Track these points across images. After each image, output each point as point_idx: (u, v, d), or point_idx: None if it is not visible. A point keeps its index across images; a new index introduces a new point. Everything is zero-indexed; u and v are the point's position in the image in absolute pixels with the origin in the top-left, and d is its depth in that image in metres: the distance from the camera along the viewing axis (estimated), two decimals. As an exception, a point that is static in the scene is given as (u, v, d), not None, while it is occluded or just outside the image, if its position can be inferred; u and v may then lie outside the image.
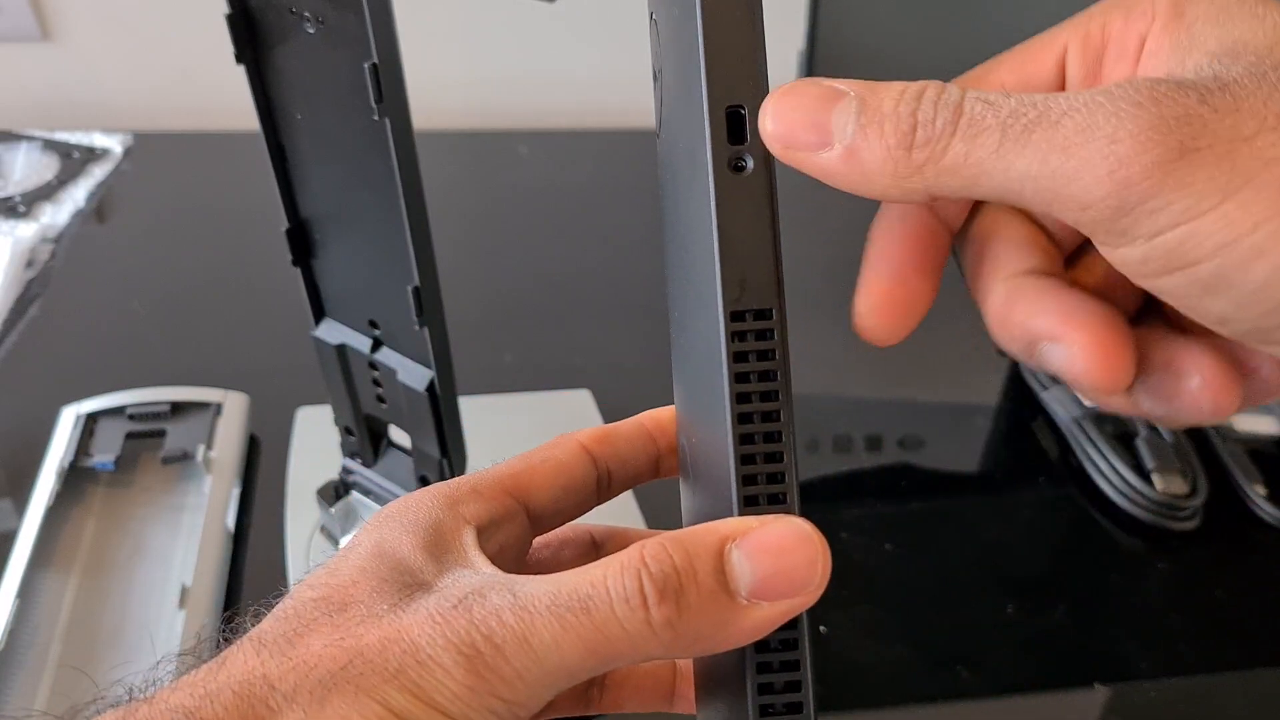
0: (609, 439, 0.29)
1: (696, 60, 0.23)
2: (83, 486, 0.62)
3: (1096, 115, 0.19)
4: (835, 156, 0.22)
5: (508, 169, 0.97)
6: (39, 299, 0.78)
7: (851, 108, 0.21)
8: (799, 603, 0.22)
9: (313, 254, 0.48)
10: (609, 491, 0.30)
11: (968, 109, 0.20)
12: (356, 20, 0.38)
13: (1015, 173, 0.20)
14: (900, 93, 0.21)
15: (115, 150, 0.94)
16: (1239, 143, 0.18)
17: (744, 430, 0.23)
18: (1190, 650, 0.58)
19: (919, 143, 0.21)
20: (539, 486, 0.28)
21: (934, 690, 0.55)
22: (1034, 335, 0.23)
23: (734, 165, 0.23)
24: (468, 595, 0.22)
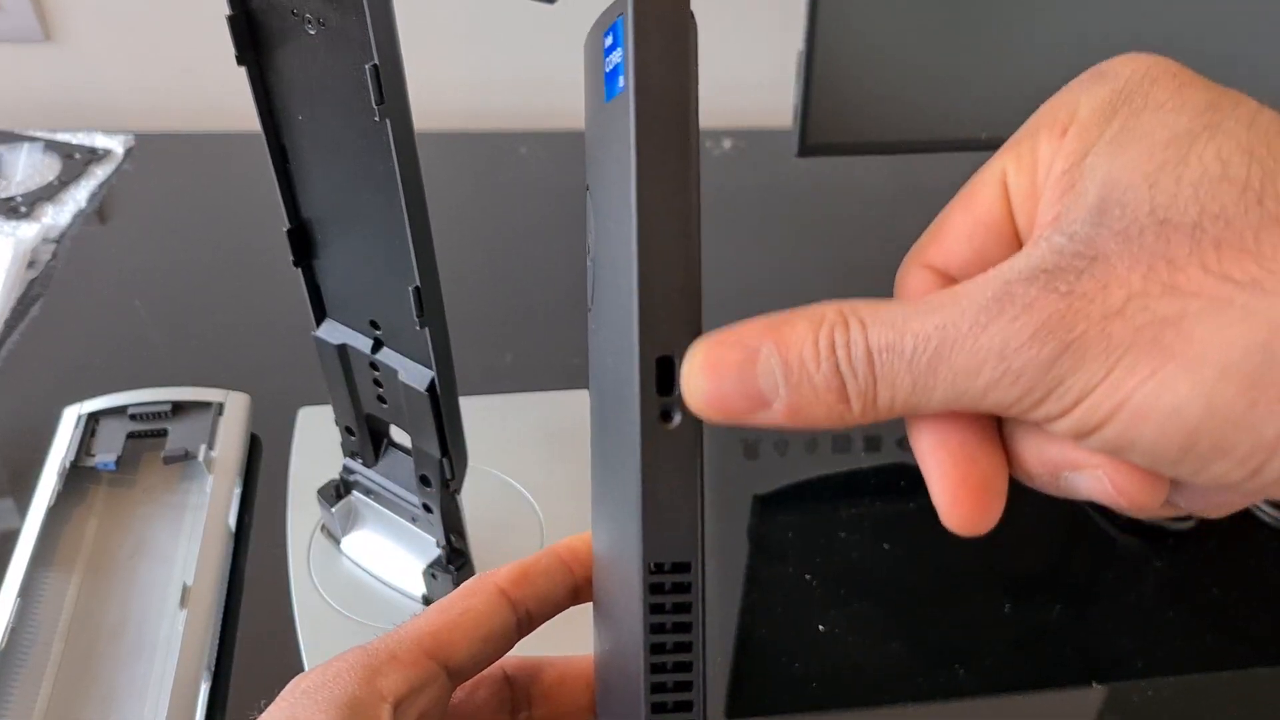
0: (527, 578, 0.30)
1: (630, 301, 0.22)
2: (84, 486, 0.62)
3: (981, 339, 0.21)
4: (778, 415, 0.22)
5: (508, 169, 0.97)
6: (41, 299, 0.78)
7: (775, 367, 0.22)
8: None
9: (314, 254, 0.48)
10: (528, 629, 0.30)
11: (876, 360, 0.22)
12: (358, 22, 0.38)
13: (939, 398, 0.22)
14: (814, 345, 0.22)
15: (117, 151, 0.95)
16: (1111, 318, 0.20)
17: (656, 680, 0.24)
18: (1187, 649, 0.58)
19: (853, 396, 0.22)
20: (459, 643, 0.28)
21: (931, 689, 0.55)
22: (1055, 465, 0.23)
23: (661, 415, 0.23)
24: None
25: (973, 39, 0.67)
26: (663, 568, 0.23)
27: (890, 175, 0.97)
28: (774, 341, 0.22)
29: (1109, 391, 0.20)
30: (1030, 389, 0.21)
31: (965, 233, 0.25)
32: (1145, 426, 0.20)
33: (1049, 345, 0.20)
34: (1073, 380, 0.20)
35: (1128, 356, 0.20)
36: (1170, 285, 0.20)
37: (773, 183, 0.94)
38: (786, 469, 0.68)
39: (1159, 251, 0.20)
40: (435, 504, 0.53)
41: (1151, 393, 0.20)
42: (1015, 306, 0.21)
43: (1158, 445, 0.20)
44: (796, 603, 0.59)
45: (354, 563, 0.59)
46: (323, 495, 0.58)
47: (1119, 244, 0.20)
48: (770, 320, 0.23)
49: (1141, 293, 0.20)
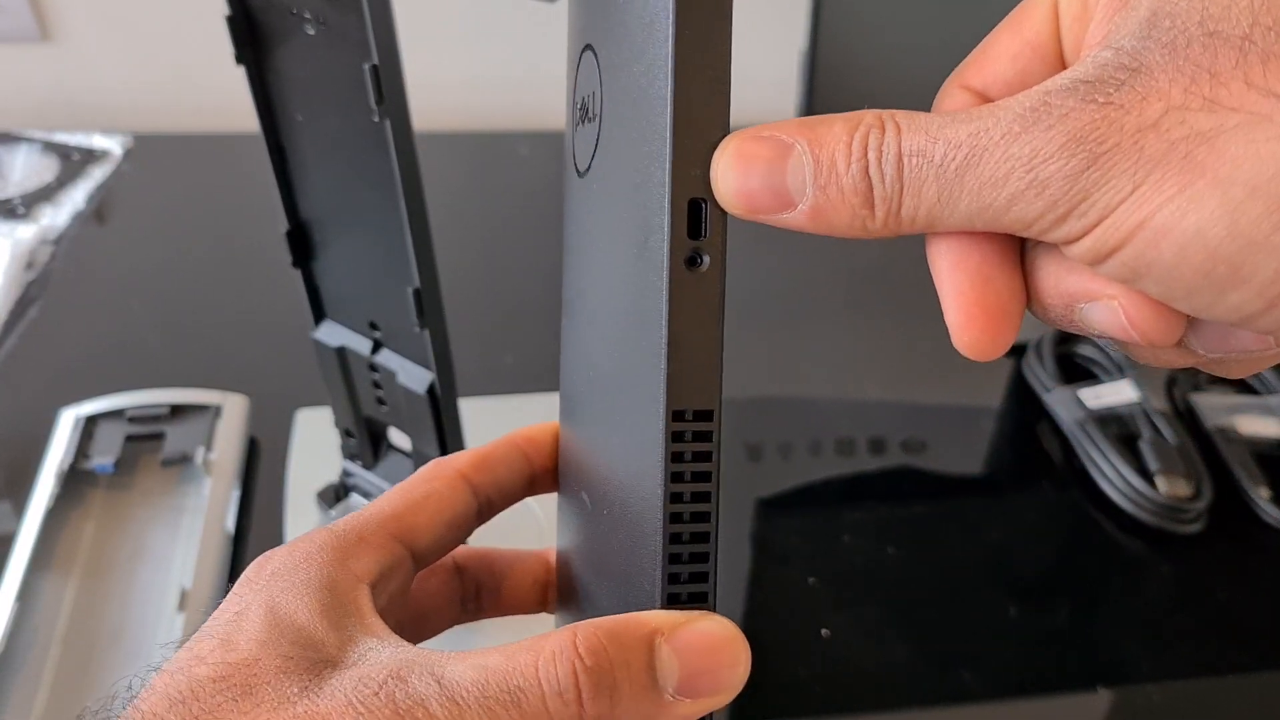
0: (486, 464, 0.30)
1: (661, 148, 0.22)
2: (82, 489, 0.62)
3: (1011, 147, 0.20)
4: (802, 216, 0.22)
5: (508, 170, 0.97)
6: (38, 301, 0.78)
7: (805, 165, 0.22)
8: (719, 701, 0.23)
9: (313, 255, 0.48)
10: (486, 516, 0.30)
11: (906, 164, 0.21)
12: (357, 21, 0.38)
13: (961, 212, 0.21)
14: (848, 146, 0.22)
15: (115, 151, 0.94)
16: (1145, 131, 0.19)
17: (674, 530, 0.24)
18: (1194, 653, 0.58)
19: (878, 200, 0.22)
20: (424, 527, 0.28)
21: (937, 693, 0.55)
22: (1070, 297, 0.22)
23: (690, 260, 0.23)
24: (387, 680, 0.22)
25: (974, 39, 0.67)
26: (685, 415, 0.23)
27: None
28: (808, 139, 0.22)
29: (1132, 209, 0.20)
30: (1054, 203, 0.20)
31: (1009, 54, 0.24)
32: (1165, 248, 0.20)
33: (1078, 157, 0.20)
34: (1097, 195, 0.20)
35: (1156, 172, 0.19)
36: (1211, 99, 0.19)
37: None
38: (790, 472, 0.68)
39: (1204, 64, 0.19)
40: (435, 507, 0.53)
41: (1176, 210, 0.19)
42: (1050, 116, 0.20)
43: (1176, 269, 0.20)
44: (800, 606, 0.59)
45: (353, 566, 0.59)
46: (322, 498, 0.58)
47: (1164, 56, 0.20)
48: (808, 119, 0.22)
49: (1180, 106, 0.19)
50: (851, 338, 0.79)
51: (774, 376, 0.75)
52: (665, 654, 0.22)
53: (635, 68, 0.23)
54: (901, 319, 0.80)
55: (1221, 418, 0.70)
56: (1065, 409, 0.70)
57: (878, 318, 0.81)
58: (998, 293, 0.23)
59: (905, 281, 0.84)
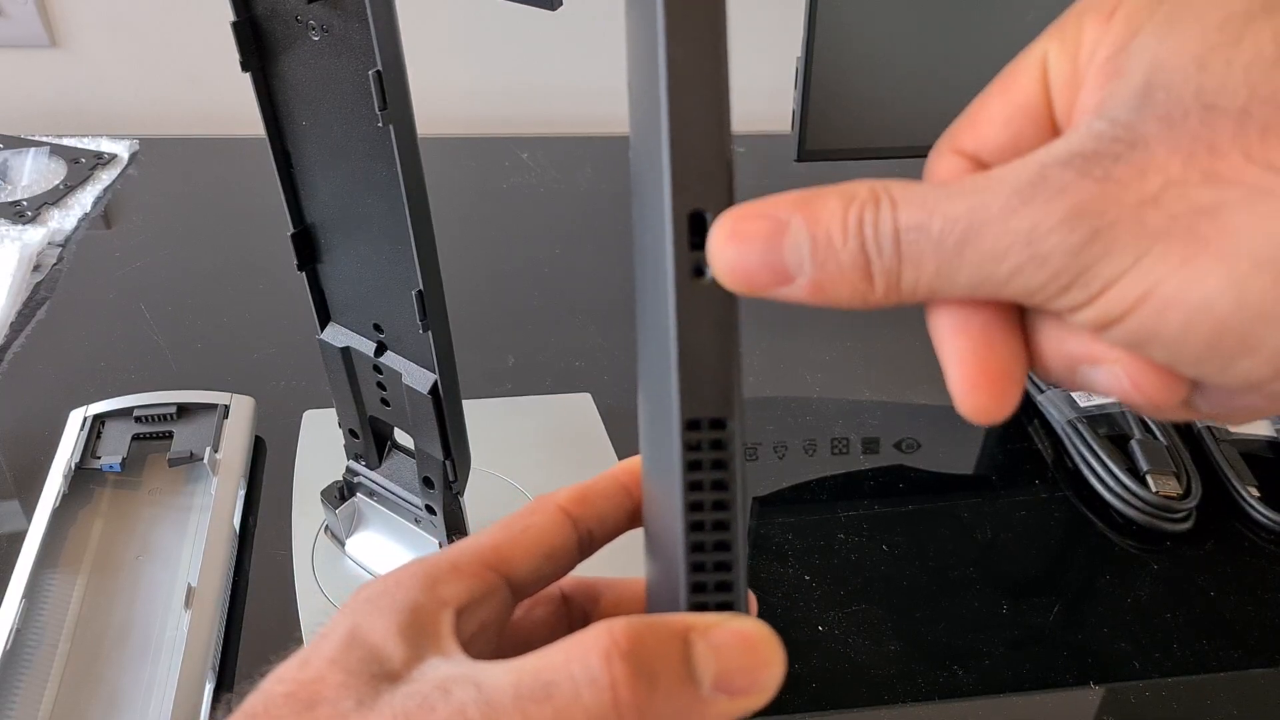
0: (587, 499, 0.29)
1: (661, 158, 0.22)
2: (90, 488, 0.62)
3: (1011, 221, 0.20)
4: (801, 291, 0.22)
5: (510, 174, 0.98)
6: (46, 303, 0.79)
7: (802, 242, 0.22)
8: (755, 702, 0.22)
9: (318, 258, 0.49)
10: (590, 550, 0.29)
11: (903, 239, 0.21)
12: (361, 28, 0.38)
13: (962, 284, 0.21)
14: (843, 222, 0.22)
15: (122, 156, 0.95)
16: (1145, 205, 0.19)
17: (695, 539, 0.24)
18: (1184, 650, 0.58)
19: (876, 274, 0.21)
20: (520, 557, 0.27)
21: (930, 689, 0.56)
22: (1073, 359, 0.22)
23: (695, 271, 0.22)
24: (432, 691, 0.22)
25: (969, 46, 0.68)
26: (699, 425, 0.23)
27: (890, 180, 0.98)
28: (804, 215, 0.22)
29: (1136, 280, 0.20)
30: (1056, 275, 0.20)
31: (1001, 118, 0.24)
32: (1171, 319, 0.19)
33: (1079, 231, 0.20)
34: (1100, 267, 0.20)
35: (1159, 245, 0.19)
36: (1210, 173, 0.19)
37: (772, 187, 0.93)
38: (786, 471, 0.68)
39: (1202, 137, 0.19)
40: (438, 506, 0.54)
41: (1181, 283, 0.19)
42: (1048, 190, 0.20)
43: (1183, 339, 0.20)
44: (796, 603, 0.60)
45: (358, 564, 0.59)
46: (326, 497, 0.59)
47: (1160, 129, 0.20)
48: (802, 194, 0.22)
49: (1180, 180, 0.19)
50: (846, 339, 0.80)
51: (770, 377, 0.75)
52: (702, 649, 0.22)
53: (639, 81, 0.23)
54: (895, 320, 0.80)
55: (1212, 418, 0.70)
56: (1057, 409, 0.70)
57: (872, 319, 0.81)
58: (1000, 357, 0.22)
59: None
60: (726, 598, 0.24)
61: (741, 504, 0.24)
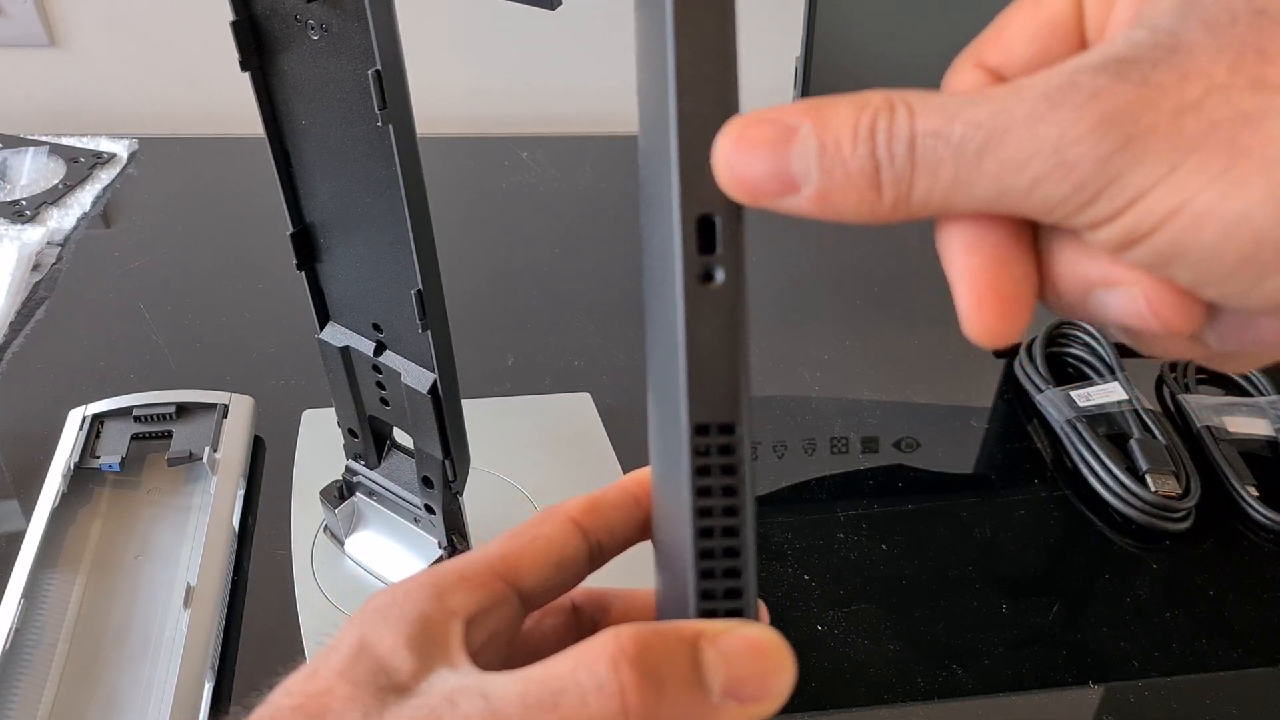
0: (597, 509, 0.29)
1: (670, 163, 0.22)
2: (89, 487, 0.62)
3: (1038, 127, 0.19)
4: (807, 201, 0.21)
5: (510, 174, 0.98)
6: (45, 302, 0.79)
7: (810, 148, 0.21)
8: (766, 709, 0.22)
9: (317, 258, 0.49)
10: (600, 561, 0.29)
11: (919, 145, 0.20)
12: (360, 28, 0.38)
13: (979, 195, 0.20)
14: (854, 129, 0.21)
15: (121, 155, 0.95)
16: (1185, 112, 0.18)
17: (704, 545, 0.23)
18: (1183, 650, 0.58)
19: (885, 182, 0.20)
20: (529, 568, 0.27)
21: (929, 689, 0.56)
22: (1088, 283, 0.21)
23: (703, 276, 0.22)
24: (440, 703, 0.22)
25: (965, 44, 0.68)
26: (707, 430, 0.23)
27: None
28: (813, 121, 0.21)
29: (1169, 192, 0.19)
30: (1081, 185, 0.19)
31: (1029, 32, 0.23)
32: (1205, 232, 0.18)
33: (1110, 138, 0.19)
34: (1130, 177, 0.19)
35: (1197, 153, 0.18)
36: (1258, 78, 0.18)
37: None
38: (785, 470, 0.68)
39: (1250, 42, 0.18)
40: (437, 505, 0.54)
41: (1219, 194, 0.18)
42: (1079, 95, 0.19)
43: (1215, 255, 0.19)
44: (795, 602, 0.60)
45: (357, 563, 0.59)
46: (326, 497, 0.59)
47: (1205, 34, 0.19)
48: (814, 100, 0.21)
49: (1224, 85, 0.18)
50: (845, 338, 0.80)
51: (770, 377, 0.75)
52: (711, 655, 0.22)
53: (648, 83, 0.23)
54: (895, 319, 0.81)
55: (1210, 417, 0.70)
56: (1056, 409, 0.70)
57: (871, 318, 0.81)
58: (1012, 277, 0.21)
59: (899, 282, 0.85)
60: (736, 604, 0.24)
61: (750, 510, 0.24)
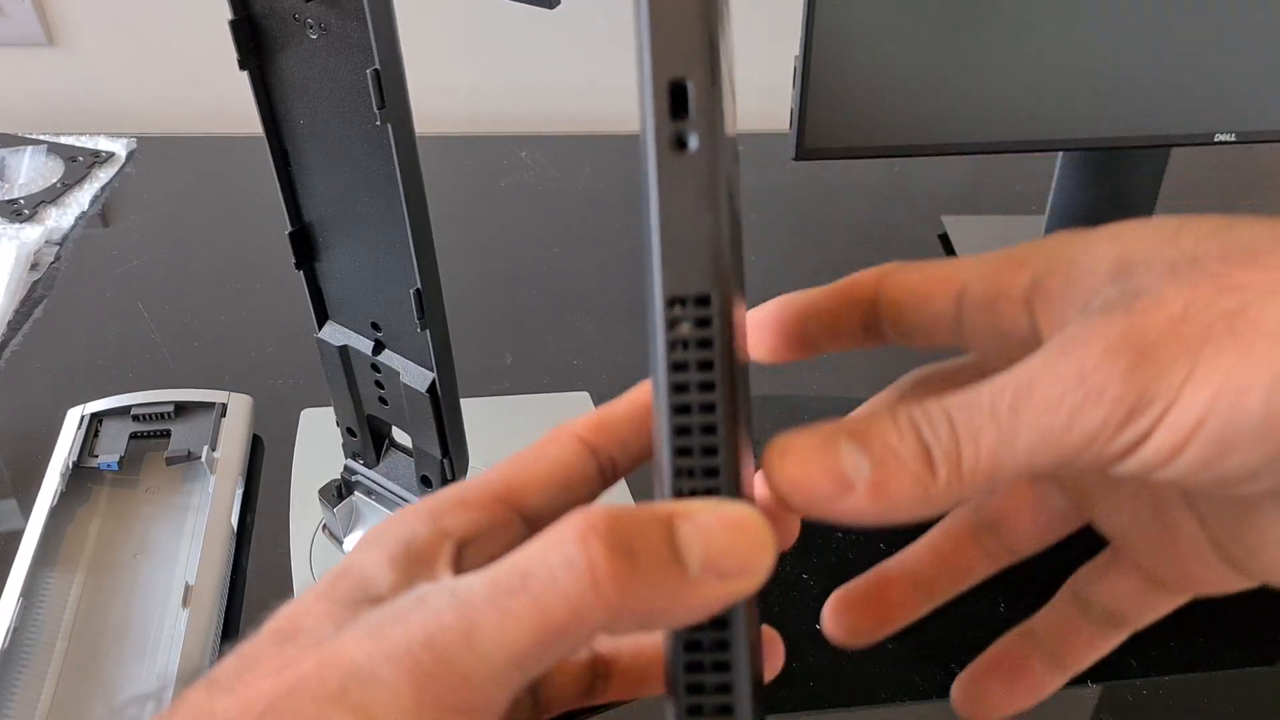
0: (606, 424, 0.28)
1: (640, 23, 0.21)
2: (87, 486, 0.62)
3: (1058, 368, 0.21)
4: (862, 496, 0.22)
5: (509, 173, 0.98)
6: (44, 301, 0.79)
7: (853, 449, 0.22)
8: (748, 584, 0.21)
9: (316, 257, 0.49)
10: (612, 478, 0.28)
11: (957, 419, 0.22)
12: (359, 27, 0.38)
13: (1024, 448, 0.21)
14: (896, 423, 0.22)
15: (120, 154, 0.95)
16: (1178, 323, 0.21)
17: (679, 423, 0.22)
18: (1183, 649, 0.58)
19: (938, 461, 0.22)
20: (534, 490, 0.26)
21: (927, 687, 0.56)
22: None
23: (676, 142, 0.21)
24: (410, 605, 0.21)
25: (966, 45, 0.68)
26: (680, 303, 0.22)
27: (886, 178, 0.98)
28: (857, 428, 0.22)
29: (1201, 383, 0.20)
30: (1116, 404, 0.21)
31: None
32: (1249, 402, 0.20)
33: (1125, 355, 0.21)
34: (1158, 384, 0.20)
35: (1208, 347, 0.20)
36: (1221, 289, 0.21)
37: (771, 186, 0.94)
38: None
39: (1197, 273, 0.21)
40: (436, 504, 0.54)
41: (1247, 367, 0.20)
42: (1080, 337, 0.21)
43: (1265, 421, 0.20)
44: (794, 601, 0.60)
45: (355, 563, 0.59)
46: (324, 496, 0.59)
47: (1157, 280, 0.21)
48: (843, 422, 0.23)
49: (1197, 299, 0.21)
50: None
51: (769, 376, 0.75)
52: (686, 530, 0.21)
53: None
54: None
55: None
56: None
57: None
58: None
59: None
60: (713, 484, 0.22)
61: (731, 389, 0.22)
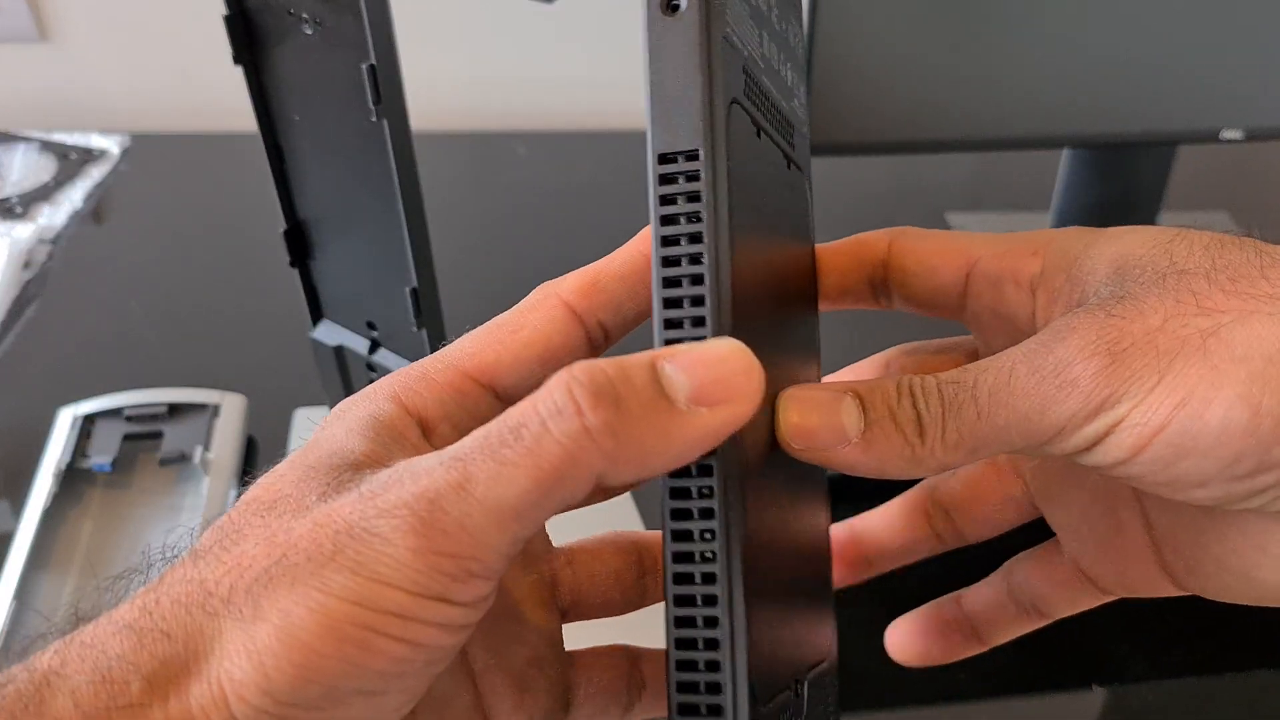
0: (598, 284, 0.26)
1: None
2: (80, 488, 0.62)
3: (1036, 359, 0.23)
4: (855, 449, 0.24)
5: (506, 170, 0.97)
6: (36, 300, 0.78)
7: (854, 407, 0.24)
8: (738, 411, 0.21)
9: (310, 255, 0.48)
10: (603, 345, 0.27)
11: (945, 393, 0.24)
12: (354, 22, 0.38)
13: (999, 427, 0.23)
14: (895, 391, 0.24)
15: (113, 151, 0.95)
16: (1153, 333, 0.22)
17: (668, 274, 0.23)
18: (1187, 652, 0.58)
19: (926, 425, 0.24)
20: (507, 365, 0.25)
21: (931, 692, 0.55)
22: None
23: (667, 5, 0.23)
24: (401, 471, 0.21)
25: (970, 41, 0.67)
26: (672, 159, 0.23)
27: (889, 175, 0.97)
28: (860, 389, 0.24)
29: (1167, 392, 0.22)
30: (1086, 399, 0.22)
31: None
32: (1210, 416, 0.22)
33: (1099, 355, 0.22)
34: (1127, 388, 0.22)
35: (1178, 361, 0.22)
36: (1200, 307, 0.23)
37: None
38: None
39: (1182, 288, 0.23)
40: (433, 506, 0.53)
41: (1211, 384, 0.22)
42: (1062, 332, 0.23)
43: (1222, 435, 0.22)
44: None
45: (351, 565, 0.59)
46: (320, 497, 0.58)
47: (1143, 288, 0.23)
48: (847, 380, 0.25)
49: (1177, 314, 0.23)
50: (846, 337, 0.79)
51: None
52: (669, 369, 0.21)
53: None
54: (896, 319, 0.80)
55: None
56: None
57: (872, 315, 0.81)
58: None
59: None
60: (700, 333, 0.23)
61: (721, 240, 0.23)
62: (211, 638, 0.20)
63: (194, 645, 0.20)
